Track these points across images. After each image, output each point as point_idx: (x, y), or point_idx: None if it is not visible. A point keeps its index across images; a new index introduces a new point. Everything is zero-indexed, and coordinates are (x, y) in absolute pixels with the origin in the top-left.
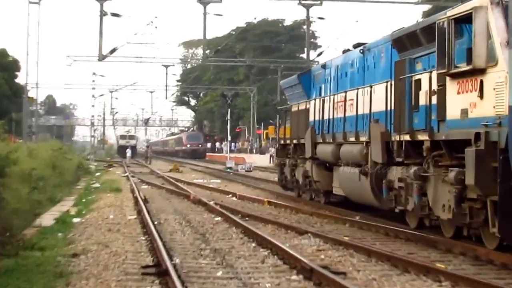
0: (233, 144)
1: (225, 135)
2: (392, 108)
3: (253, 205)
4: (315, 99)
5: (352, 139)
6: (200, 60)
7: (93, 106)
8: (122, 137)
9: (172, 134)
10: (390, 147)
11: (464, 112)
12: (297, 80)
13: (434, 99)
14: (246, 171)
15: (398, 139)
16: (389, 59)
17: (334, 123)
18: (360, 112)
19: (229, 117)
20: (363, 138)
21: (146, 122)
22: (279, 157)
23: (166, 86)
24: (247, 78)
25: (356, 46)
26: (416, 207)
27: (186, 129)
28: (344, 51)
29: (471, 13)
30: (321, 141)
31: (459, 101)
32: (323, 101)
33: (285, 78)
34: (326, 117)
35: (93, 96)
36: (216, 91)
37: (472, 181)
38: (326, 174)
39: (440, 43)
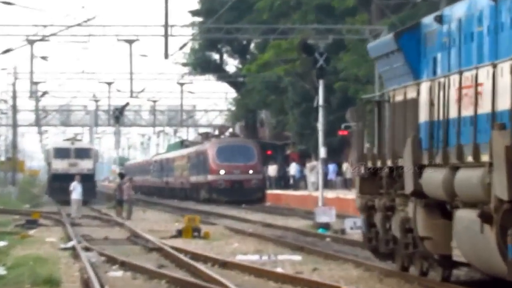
0: (332, 166)
1: (312, 145)
2: None
3: None
4: (425, 82)
5: (470, 159)
6: None
7: None
8: (59, 152)
9: (182, 144)
10: None
11: None
12: (394, 44)
13: None
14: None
15: None
16: None
17: (449, 128)
18: (480, 110)
19: (321, 101)
20: (485, 158)
21: (121, 112)
22: (363, 193)
23: (166, 26)
24: (364, 3)
25: None
26: None
27: (217, 132)
28: None
29: None
30: (428, 163)
31: None
32: (438, 85)
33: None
34: (440, 117)
35: None
36: (288, 37)
37: None
38: (440, 225)
39: None
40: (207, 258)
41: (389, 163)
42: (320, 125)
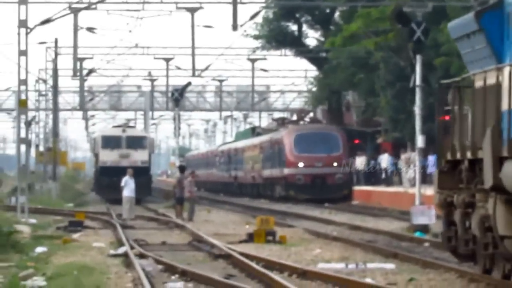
0: (432, 158)
1: (408, 133)
2: None
3: None
4: (508, 66)
5: None
6: None
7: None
8: (108, 142)
9: (254, 131)
10: None
11: None
12: (475, 24)
13: None
14: None
15: None
16: None
17: None
18: None
19: (418, 80)
20: None
21: (181, 93)
22: (443, 188)
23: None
24: None
25: None
26: None
27: (294, 117)
28: None
29: None
30: (508, 155)
31: None
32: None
33: None
34: (506, 106)
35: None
36: (379, 4)
37: None
38: None
39: None
40: (283, 266)
41: (469, 155)
42: (417, 109)
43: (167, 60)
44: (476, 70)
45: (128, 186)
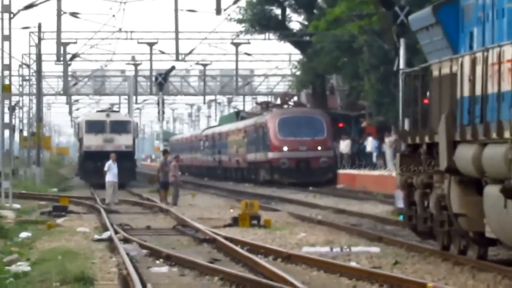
0: None
1: (392, 117)
2: None
3: None
4: (460, 57)
5: (495, 135)
6: None
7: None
8: (92, 126)
9: (238, 115)
10: None
11: None
12: (432, 17)
13: None
14: None
15: None
16: None
17: (478, 104)
18: (504, 87)
19: (402, 63)
20: (507, 134)
21: (165, 78)
22: (404, 170)
23: None
24: None
25: None
26: None
27: (278, 101)
28: None
29: None
30: (460, 139)
31: None
32: (472, 60)
33: None
34: (472, 92)
35: None
36: None
37: None
38: (474, 202)
39: None
40: (268, 250)
41: (426, 139)
42: (401, 93)
43: (151, 44)
44: (434, 60)
45: (111, 171)
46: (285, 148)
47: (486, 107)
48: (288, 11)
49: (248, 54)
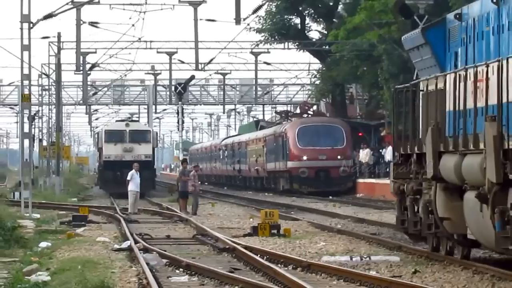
0: None
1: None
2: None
3: None
4: (450, 74)
5: (472, 146)
6: None
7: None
8: (112, 136)
9: (257, 124)
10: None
11: None
12: (421, 38)
13: None
14: None
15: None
16: None
17: (459, 118)
18: (479, 103)
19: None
20: (482, 146)
21: (184, 87)
22: (397, 178)
23: None
24: None
25: None
26: None
27: (298, 111)
28: None
29: None
30: (444, 149)
31: None
32: (455, 78)
33: None
34: (456, 107)
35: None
36: None
37: None
38: (457, 207)
39: None
40: (287, 259)
41: (416, 149)
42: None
43: (170, 54)
44: (424, 77)
45: (133, 180)
46: (305, 157)
47: (466, 121)
48: (307, 20)
49: (268, 64)
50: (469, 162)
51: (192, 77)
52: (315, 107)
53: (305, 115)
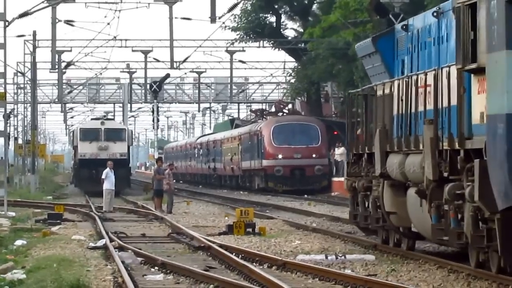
0: None
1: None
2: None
3: None
4: (397, 80)
5: (413, 146)
6: None
7: None
8: (87, 134)
9: (232, 123)
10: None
11: (482, 116)
12: (372, 47)
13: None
14: None
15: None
16: None
17: (400, 121)
18: (420, 108)
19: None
20: (421, 146)
21: (159, 86)
22: (350, 176)
23: None
24: None
25: None
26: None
27: (273, 109)
28: None
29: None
30: (390, 150)
31: (478, 103)
32: (397, 84)
33: None
34: (401, 111)
35: None
36: None
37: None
38: (402, 202)
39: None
40: (263, 258)
41: (366, 149)
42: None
43: (146, 52)
44: (375, 83)
45: (108, 179)
46: (280, 156)
47: (410, 124)
48: (283, 18)
49: (243, 62)
50: (411, 161)
51: (167, 76)
52: (290, 106)
53: (280, 114)
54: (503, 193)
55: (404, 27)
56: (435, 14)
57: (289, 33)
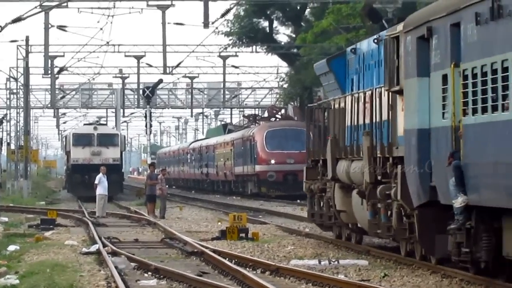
0: None
1: None
2: (379, 119)
3: None
4: (347, 96)
5: (355, 154)
6: None
7: None
8: (80, 139)
9: (225, 128)
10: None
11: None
12: (327, 67)
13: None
14: None
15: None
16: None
17: (351, 132)
18: (360, 121)
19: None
20: (361, 153)
21: (152, 91)
22: (308, 179)
23: None
24: None
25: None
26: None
27: (266, 114)
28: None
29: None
30: (339, 156)
31: (402, 118)
32: (349, 100)
33: None
34: (348, 123)
35: None
36: (350, 0)
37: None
38: (349, 202)
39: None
40: (256, 263)
41: (321, 156)
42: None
43: (138, 57)
44: (330, 98)
45: (102, 184)
46: (273, 161)
47: (357, 134)
48: (275, 23)
49: (236, 67)
50: (355, 166)
51: (160, 81)
52: (283, 111)
53: (273, 119)
54: (416, 193)
55: (353, 50)
56: (375, 41)
57: (282, 38)
